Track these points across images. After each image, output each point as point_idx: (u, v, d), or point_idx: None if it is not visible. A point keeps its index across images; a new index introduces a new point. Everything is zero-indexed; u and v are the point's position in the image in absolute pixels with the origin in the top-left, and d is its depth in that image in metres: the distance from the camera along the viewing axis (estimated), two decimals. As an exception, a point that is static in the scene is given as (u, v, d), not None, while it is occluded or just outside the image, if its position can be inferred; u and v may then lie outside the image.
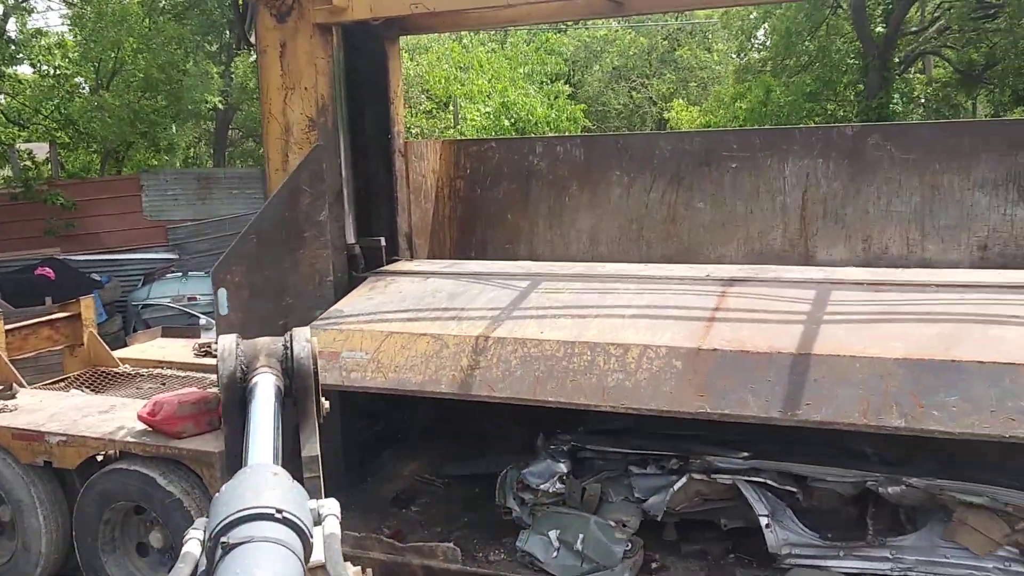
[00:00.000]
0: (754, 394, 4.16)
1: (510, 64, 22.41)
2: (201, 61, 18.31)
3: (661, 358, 4.38)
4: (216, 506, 1.61)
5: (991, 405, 3.81)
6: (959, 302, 4.61)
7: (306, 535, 1.59)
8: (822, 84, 20.10)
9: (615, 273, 5.70)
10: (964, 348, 4.06)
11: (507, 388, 4.62)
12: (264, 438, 1.99)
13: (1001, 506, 4.38)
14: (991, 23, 17.60)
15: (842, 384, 4.05)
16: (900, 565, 4.51)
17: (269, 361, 2.24)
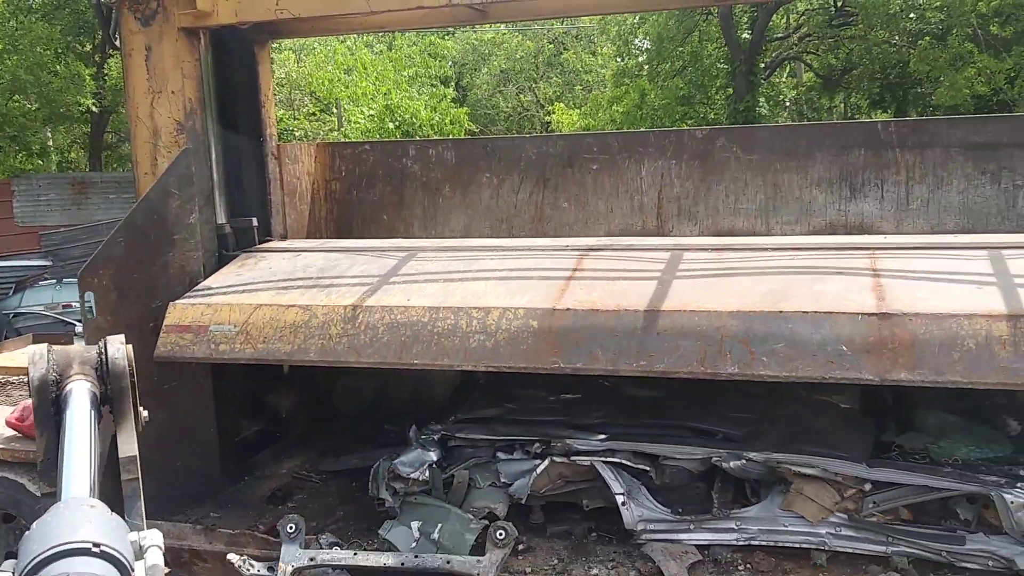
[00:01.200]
0: (603, 349, 4.43)
1: (395, 67, 22.47)
2: (72, 63, 17.71)
3: (519, 319, 4.61)
4: (27, 544, 1.48)
5: (813, 350, 4.18)
6: (789, 260, 5.01)
7: (127, 568, 1.47)
8: (694, 88, 20.90)
9: (481, 246, 5.93)
10: (791, 301, 4.41)
11: (375, 353, 4.78)
12: (80, 466, 1.87)
13: (832, 476, 4.77)
14: (847, 31, 18.63)
15: (683, 337, 4.35)
16: (744, 535, 4.86)
17: (83, 368, 2.14)
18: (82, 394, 2.08)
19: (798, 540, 4.78)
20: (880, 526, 4.70)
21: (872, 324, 4.17)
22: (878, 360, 4.10)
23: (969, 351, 4.00)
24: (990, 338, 3.99)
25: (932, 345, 4.05)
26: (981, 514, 4.67)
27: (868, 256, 4.89)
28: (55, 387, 2.10)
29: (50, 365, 2.10)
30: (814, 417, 5.32)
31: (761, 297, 4.50)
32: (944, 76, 15.41)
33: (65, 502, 1.62)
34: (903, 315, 4.16)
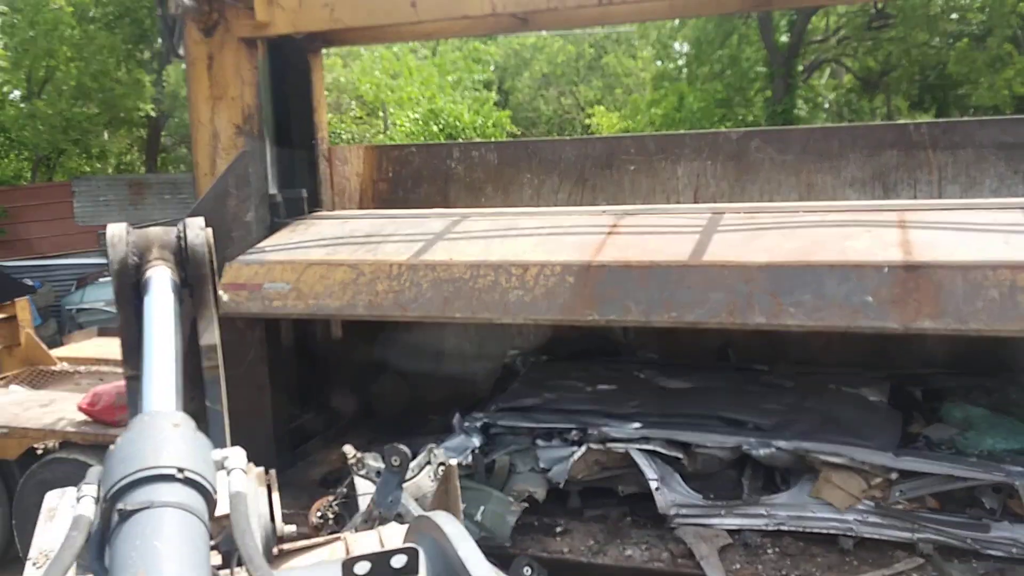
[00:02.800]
0: (635, 302, 4.57)
1: (439, 72, 22.75)
2: (133, 70, 18.26)
3: (556, 275, 4.77)
4: (111, 461, 1.41)
5: (840, 301, 4.26)
6: (820, 222, 5.05)
7: (210, 493, 1.40)
8: (733, 91, 20.89)
9: (522, 212, 6.09)
10: (819, 255, 4.49)
11: (418, 308, 4.98)
12: (163, 375, 1.73)
13: (859, 465, 4.89)
14: (886, 33, 18.52)
15: (712, 289, 4.46)
16: (774, 520, 4.98)
17: (163, 253, 2.02)
18: (163, 282, 1.95)
19: (826, 526, 4.90)
20: (906, 514, 4.80)
21: (898, 275, 4.23)
22: (903, 310, 4.16)
23: (993, 300, 4.05)
24: (1014, 288, 4.05)
25: (956, 295, 4.10)
26: (1006, 503, 4.75)
27: (897, 215, 4.94)
28: (135, 272, 1.97)
29: (129, 249, 1.95)
30: (842, 408, 5.43)
31: (790, 252, 4.57)
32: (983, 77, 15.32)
33: (149, 416, 1.49)
34: (928, 266, 4.21)
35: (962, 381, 5.91)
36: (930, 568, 4.64)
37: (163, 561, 1.16)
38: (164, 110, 19.66)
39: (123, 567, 1.17)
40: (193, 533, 1.27)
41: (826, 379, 5.99)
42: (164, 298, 1.89)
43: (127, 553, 1.19)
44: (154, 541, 1.20)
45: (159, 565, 1.16)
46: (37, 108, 17.41)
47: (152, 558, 1.17)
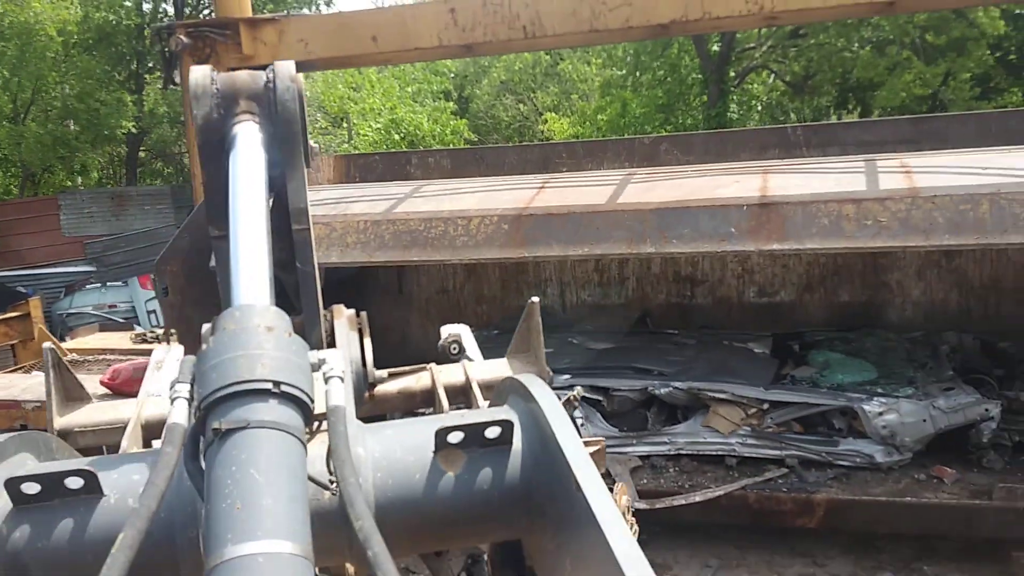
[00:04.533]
0: (557, 241, 5.63)
1: (399, 84, 23.77)
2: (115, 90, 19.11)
3: (494, 223, 5.80)
4: (204, 365, 1.26)
5: (710, 232, 5.34)
6: (700, 176, 6.21)
7: (308, 406, 1.27)
8: (673, 97, 22.14)
9: (469, 180, 7.15)
10: (696, 198, 5.59)
11: (382, 255, 5.98)
12: (252, 253, 1.53)
13: (739, 399, 6.05)
14: (806, 41, 19.88)
15: (615, 228, 5.52)
16: (674, 446, 6.12)
17: (250, 105, 1.79)
18: (250, 139, 1.73)
19: (714, 448, 6.05)
20: (776, 435, 5.97)
21: (753, 211, 5.34)
22: (757, 237, 5.25)
23: (824, 226, 5.16)
24: (840, 216, 5.16)
25: (796, 223, 5.20)
26: (851, 423, 5.94)
27: (763, 171, 6.08)
28: (219, 126, 1.77)
29: (214, 103, 1.73)
30: (730, 357, 6.60)
31: (674, 198, 5.68)
32: (886, 81, 16.74)
33: (241, 312, 1.32)
34: (776, 203, 5.32)
35: (829, 335, 7.12)
36: (793, 476, 5.81)
37: (260, 492, 1.09)
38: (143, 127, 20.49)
39: (219, 495, 1.10)
40: (291, 456, 1.17)
41: (722, 337, 7.16)
42: (252, 158, 1.67)
43: (223, 480, 1.11)
44: (250, 469, 1.11)
45: (256, 496, 1.08)
46: (28, 129, 18.18)
47: (249, 488, 1.09)
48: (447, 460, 1.40)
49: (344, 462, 1.18)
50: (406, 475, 1.40)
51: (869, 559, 5.81)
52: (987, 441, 5.68)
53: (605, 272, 8.10)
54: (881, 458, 5.71)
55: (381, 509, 1.38)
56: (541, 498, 1.39)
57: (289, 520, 1.08)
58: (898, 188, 5.27)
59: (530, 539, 1.48)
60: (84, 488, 1.31)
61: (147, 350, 9.10)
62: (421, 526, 1.42)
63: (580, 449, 1.28)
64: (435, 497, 1.39)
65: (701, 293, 7.92)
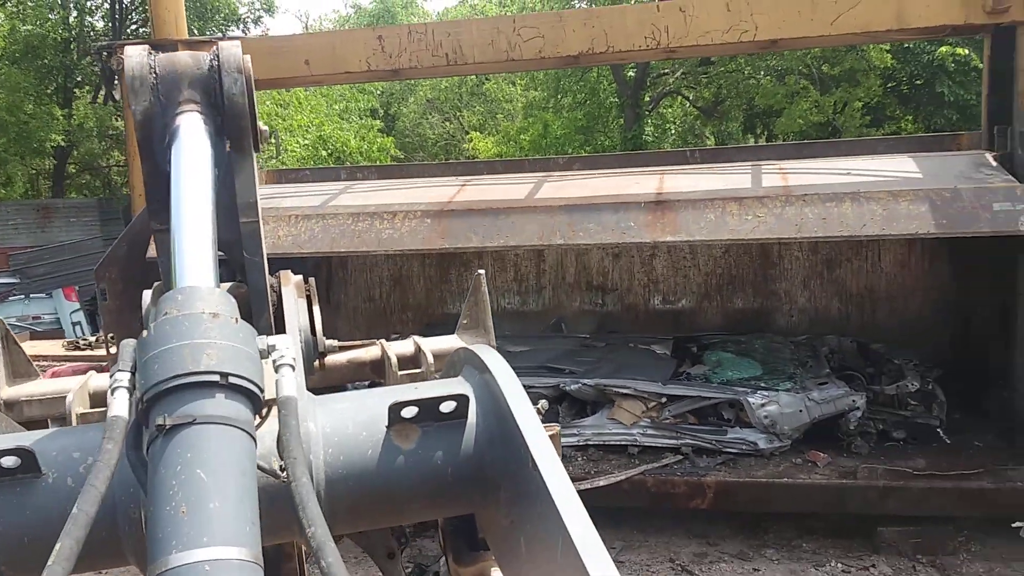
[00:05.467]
0: (475, 234, 6.10)
1: (327, 101, 24.02)
2: (44, 103, 18.94)
3: (417, 217, 6.25)
4: (145, 352, 1.17)
5: (612, 226, 5.91)
6: (607, 178, 6.80)
7: (258, 397, 1.20)
8: (592, 119, 22.94)
9: (397, 182, 7.62)
10: (601, 196, 6.19)
11: (312, 246, 6.34)
12: (196, 237, 1.43)
13: (640, 393, 6.61)
14: (715, 68, 20.91)
15: (528, 223, 6.05)
16: (582, 437, 6.62)
17: (192, 94, 1.63)
18: (194, 131, 1.60)
19: (619, 439, 6.56)
20: (673, 426, 6.54)
21: (650, 207, 5.95)
22: (653, 230, 5.84)
23: (711, 221, 5.77)
24: (724, 212, 5.79)
25: (687, 218, 5.81)
26: (738, 415, 6.55)
27: (661, 174, 6.72)
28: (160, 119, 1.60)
29: (154, 95, 1.58)
30: (634, 358, 7.18)
31: (581, 197, 6.26)
32: (785, 108, 17.83)
33: (184, 296, 1.24)
34: (669, 200, 5.94)
35: (723, 338, 7.77)
36: (687, 462, 6.38)
37: (207, 494, 1.04)
38: (72, 140, 20.31)
39: (163, 497, 1.04)
40: (239, 453, 1.11)
41: (628, 340, 7.74)
42: (196, 151, 1.56)
43: (167, 481, 1.06)
44: (197, 469, 1.06)
45: (202, 499, 1.03)
46: (-45, 141, 17.94)
47: (195, 489, 1.04)
48: (400, 435, 1.36)
49: (296, 460, 1.12)
50: (358, 451, 1.35)
51: (756, 538, 6.39)
52: (854, 429, 6.35)
53: (524, 281, 8.63)
54: (764, 445, 6.31)
55: (332, 485, 1.33)
56: (496, 473, 1.35)
57: (237, 523, 1.04)
58: (775, 187, 5.97)
59: (484, 514, 1.46)
60: (21, 467, 1.23)
61: (81, 356, 9.26)
62: (373, 502, 1.38)
63: (536, 424, 1.26)
64: (388, 473, 1.35)
65: (611, 301, 8.51)
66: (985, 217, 5.42)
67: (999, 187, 5.58)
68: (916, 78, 18.64)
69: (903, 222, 5.49)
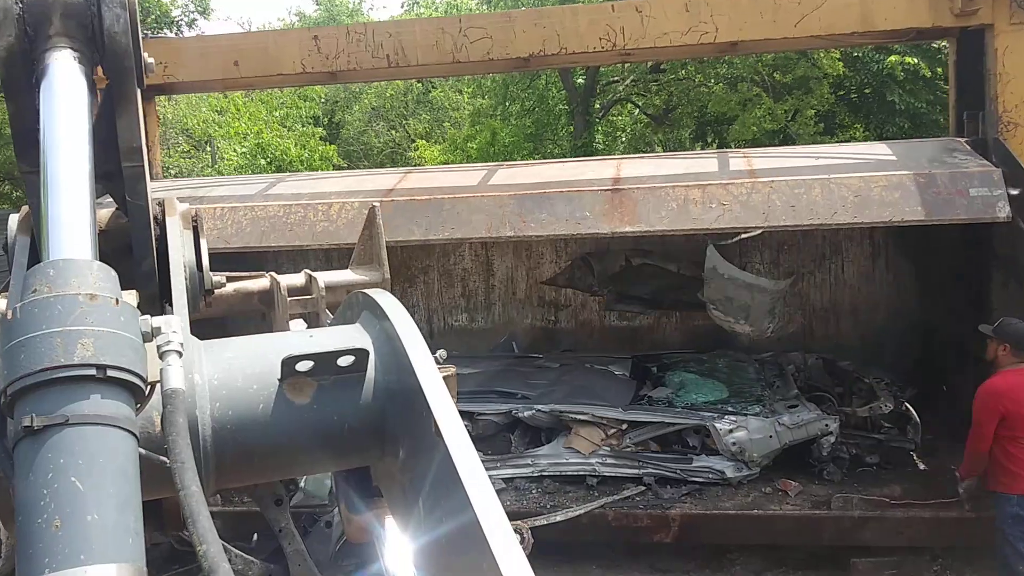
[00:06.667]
0: (418, 226, 5.75)
1: (266, 108, 23.36)
2: (-43, 108, 18.00)
3: (355, 208, 5.87)
4: (11, 338, 1.04)
5: (566, 216, 5.60)
6: (560, 167, 6.54)
7: (141, 390, 1.11)
8: (541, 126, 22.67)
9: (332, 173, 7.27)
10: (553, 186, 5.88)
11: (239, 241, 5.91)
12: (70, 197, 1.29)
13: (598, 419, 6.25)
14: (666, 75, 20.79)
15: (475, 213, 5.71)
16: (537, 468, 6.25)
17: (66, 27, 1.47)
18: (68, 70, 1.43)
19: (576, 469, 6.20)
20: (634, 455, 6.18)
21: (607, 195, 5.63)
22: (611, 219, 5.52)
23: (672, 209, 5.49)
24: (687, 199, 5.50)
25: (647, 207, 5.51)
26: (704, 441, 6.23)
27: (617, 161, 6.44)
28: (26, 54, 1.46)
29: (18, 26, 1.43)
30: (591, 380, 6.82)
31: (532, 186, 5.92)
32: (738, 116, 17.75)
33: (56, 271, 1.11)
34: (628, 188, 5.64)
35: (685, 356, 7.46)
36: (649, 493, 6.04)
37: (83, 506, 0.95)
38: (-11, 148, 19.37)
39: (33, 509, 0.95)
40: (119, 455, 1.02)
41: (584, 360, 7.38)
42: (70, 90, 1.40)
43: (38, 490, 0.96)
44: (71, 476, 0.96)
45: (78, 511, 0.94)
46: None
47: (69, 501, 0.95)
48: (294, 389, 1.29)
49: (184, 467, 1.02)
50: (248, 406, 1.27)
51: (723, 571, 6.07)
52: (827, 454, 6.07)
53: (472, 297, 8.23)
54: (731, 473, 6.00)
55: (219, 441, 1.25)
56: (394, 429, 1.31)
57: (117, 537, 0.95)
58: (739, 171, 5.71)
59: (380, 465, 1.42)
60: None
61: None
62: (264, 458, 1.31)
63: (439, 382, 1.21)
64: (280, 429, 1.28)
65: (564, 317, 8.15)
66: (962, 203, 5.20)
67: (975, 172, 5.37)
68: (865, 87, 18.70)
69: (875, 209, 5.26)
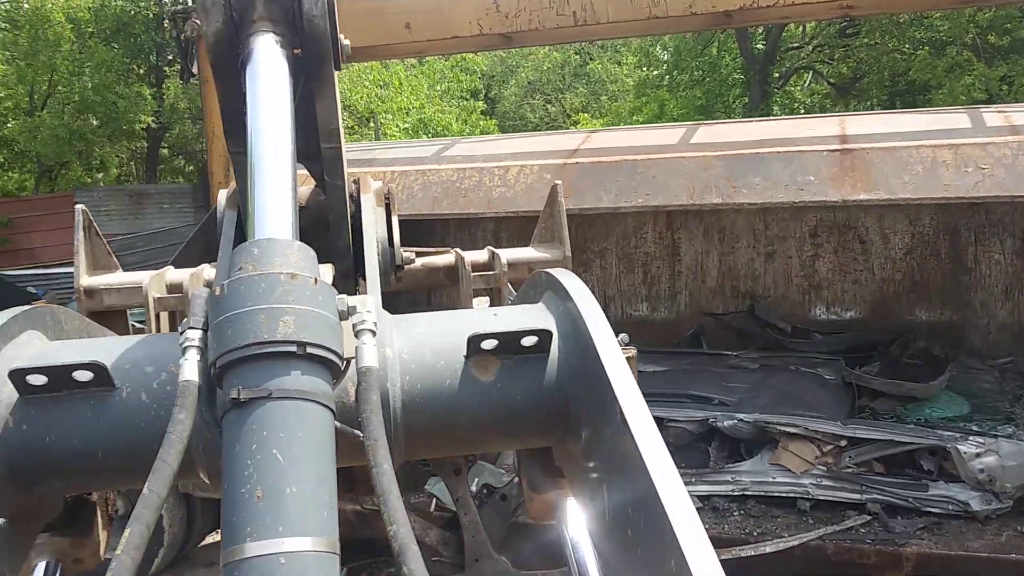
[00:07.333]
0: (606, 191, 5.15)
1: (428, 82, 23.32)
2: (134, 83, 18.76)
3: (534, 173, 5.32)
4: (219, 314, 1.13)
5: (785, 181, 4.86)
6: (769, 123, 5.87)
7: (337, 367, 1.17)
8: (713, 97, 21.53)
9: (506, 136, 6.80)
10: (767, 145, 5.15)
11: (409, 207, 5.50)
12: (275, 185, 1.34)
13: (812, 434, 5.42)
14: (856, 40, 19.20)
15: (675, 176, 5.06)
16: (738, 486, 5.51)
17: (269, 11, 1.52)
18: (270, 54, 1.48)
19: (785, 490, 5.43)
20: (855, 476, 5.34)
21: (835, 156, 4.86)
22: (840, 185, 4.76)
23: (917, 173, 4.67)
24: (935, 161, 4.66)
25: (885, 170, 4.72)
26: (941, 465, 5.30)
27: (838, 117, 5.64)
28: (233, 40, 1.52)
29: (226, 14, 1.49)
30: (799, 385, 5.98)
31: (743, 145, 5.22)
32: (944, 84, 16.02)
33: (260, 250, 1.18)
34: (861, 148, 4.85)
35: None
36: (876, 524, 5.18)
37: (283, 478, 1.01)
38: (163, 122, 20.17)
39: (238, 478, 1.02)
40: (317, 430, 1.08)
41: (787, 361, 6.53)
42: (273, 74, 1.45)
43: (242, 460, 1.03)
44: (272, 449, 1.03)
45: (279, 483, 1.00)
46: (43, 121, 17.89)
47: (270, 472, 1.01)
48: (479, 367, 1.34)
49: (378, 444, 1.10)
50: (436, 380, 1.34)
51: (960, 619, 5.17)
52: (1102, 490, 5.02)
53: (655, 284, 7.51)
54: (977, 506, 5.07)
55: (409, 413, 1.33)
56: (577, 411, 1.34)
57: (314, 511, 1.03)
58: (998, 127, 4.77)
59: (562, 446, 1.43)
60: (94, 381, 1.24)
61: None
62: (449, 431, 1.37)
63: (624, 368, 1.20)
64: (465, 405, 1.34)
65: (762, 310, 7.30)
66: None
67: None
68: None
69: None
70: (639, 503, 1.06)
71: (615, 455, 1.14)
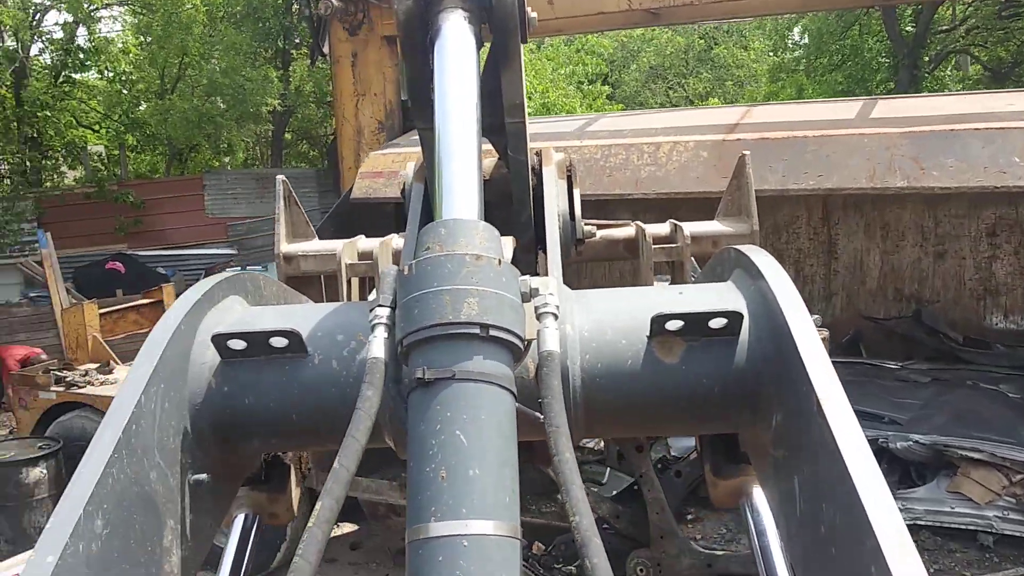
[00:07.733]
0: (772, 171, 4.68)
1: (551, 65, 22.92)
2: (261, 66, 19.06)
3: (689, 151, 4.91)
4: (406, 292, 1.18)
5: (984, 162, 4.30)
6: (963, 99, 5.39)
7: (519, 348, 1.18)
8: (854, 82, 20.35)
9: (654, 111, 6.36)
10: (962, 123, 4.58)
11: None
12: (461, 166, 1.37)
13: (999, 460, 4.83)
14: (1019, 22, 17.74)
15: (852, 155, 4.55)
16: (910, 514, 4.96)
17: None
18: (459, 32, 1.52)
19: (964, 522, 4.86)
20: (1050, 512, 4.73)
21: None
22: None
23: None
24: None
25: None
26: None
27: None
28: (423, 18, 1.56)
29: None
30: (980, 403, 5.37)
31: (932, 121, 4.66)
32: None
33: (447, 230, 1.22)
34: None
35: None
36: (1076, 568, 4.57)
37: (466, 459, 1.04)
38: (289, 106, 20.46)
39: (423, 456, 1.06)
40: (499, 413, 1.10)
41: (961, 375, 5.90)
42: (461, 52, 1.48)
43: (427, 439, 1.07)
44: (456, 430, 1.06)
45: (462, 464, 1.03)
46: (173, 103, 18.39)
47: (454, 453, 1.04)
48: (663, 348, 1.31)
49: (559, 431, 1.11)
50: (617, 360, 1.32)
51: None
52: None
53: (809, 284, 6.94)
54: None
55: (588, 392, 1.32)
56: (767, 396, 1.27)
57: (496, 494, 1.05)
58: None
59: (749, 433, 1.37)
60: (289, 347, 1.31)
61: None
62: (629, 413, 1.36)
63: (818, 348, 1.14)
64: (647, 387, 1.31)
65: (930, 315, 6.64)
66: None
67: None
68: None
69: None
70: (835, 501, 1.00)
71: (809, 446, 1.09)
